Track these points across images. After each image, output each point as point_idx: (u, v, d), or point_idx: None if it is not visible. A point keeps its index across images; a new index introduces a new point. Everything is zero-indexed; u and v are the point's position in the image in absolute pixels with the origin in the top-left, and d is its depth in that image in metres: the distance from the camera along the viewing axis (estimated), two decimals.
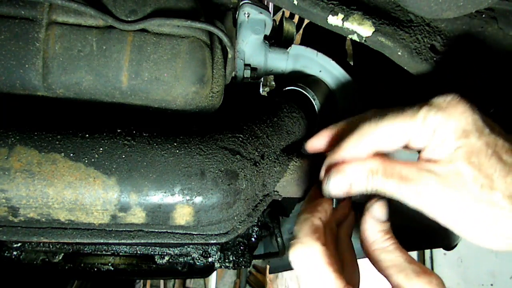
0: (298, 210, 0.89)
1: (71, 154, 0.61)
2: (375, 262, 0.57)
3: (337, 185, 0.58)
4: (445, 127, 0.52)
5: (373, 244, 0.57)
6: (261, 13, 0.86)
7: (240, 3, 0.86)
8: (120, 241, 0.69)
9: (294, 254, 0.54)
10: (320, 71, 0.97)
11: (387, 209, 0.59)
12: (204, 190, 0.63)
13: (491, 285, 2.47)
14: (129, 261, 0.91)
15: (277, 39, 1.05)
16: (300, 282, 0.54)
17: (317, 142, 0.69)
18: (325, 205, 0.62)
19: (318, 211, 0.60)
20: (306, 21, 1.03)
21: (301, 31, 1.26)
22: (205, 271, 0.91)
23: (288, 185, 0.74)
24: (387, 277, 0.55)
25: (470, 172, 0.51)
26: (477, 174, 0.51)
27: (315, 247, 0.53)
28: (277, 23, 1.08)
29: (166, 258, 0.88)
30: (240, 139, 0.69)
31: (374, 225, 0.58)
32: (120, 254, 0.89)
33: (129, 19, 0.67)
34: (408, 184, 0.54)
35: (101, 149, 0.62)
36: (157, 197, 0.62)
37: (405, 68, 0.73)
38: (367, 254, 0.58)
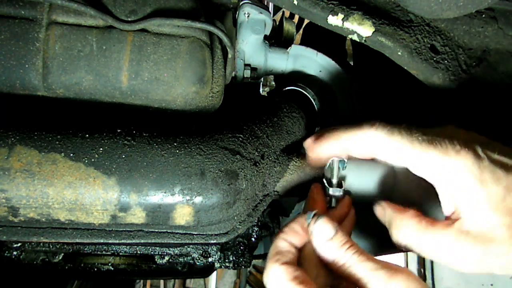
0: (298, 210, 0.89)
1: (71, 154, 0.61)
2: (346, 278, 0.55)
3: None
4: (459, 181, 0.53)
5: (335, 263, 0.56)
6: (261, 13, 0.86)
7: (240, 3, 0.86)
8: (120, 241, 0.69)
9: (264, 277, 0.57)
10: (320, 71, 0.97)
11: (331, 223, 0.57)
12: (204, 190, 0.63)
13: (491, 285, 2.46)
14: (129, 261, 0.91)
15: (277, 39, 1.05)
16: None
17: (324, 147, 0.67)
18: (294, 226, 0.61)
19: (285, 233, 0.60)
20: (306, 21, 1.03)
21: (301, 31, 1.26)
22: (205, 271, 0.91)
23: (288, 185, 0.74)
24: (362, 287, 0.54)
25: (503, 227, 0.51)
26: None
27: (275, 268, 0.55)
28: (277, 23, 1.08)
29: (166, 258, 0.88)
30: (240, 139, 0.69)
31: (326, 245, 0.56)
32: (120, 254, 0.88)
33: (129, 19, 0.67)
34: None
35: (101, 149, 0.62)
36: (157, 197, 0.62)
37: (405, 68, 0.73)
38: (338, 273, 0.57)
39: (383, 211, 0.61)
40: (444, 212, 0.57)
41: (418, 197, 0.70)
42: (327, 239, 0.56)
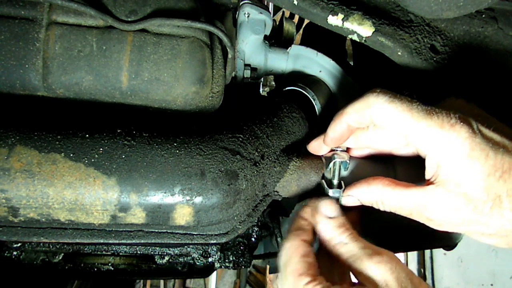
0: (298, 210, 0.89)
1: (71, 154, 0.60)
2: (337, 258, 0.59)
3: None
4: (449, 152, 0.53)
5: (330, 241, 0.60)
6: (261, 13, 0.86)
7: (240, 3, 0.87)
8: (120, 241, 0.68)
9: (280, 250, 0.60)
10: (320, 71, 0.97)
11: (335, 205, 0.63)
12: (204, 190, 0.63)
13: (491, 285, 2.46)
14: (129, 261, 0.91)
15: (277, 39, 1.05)
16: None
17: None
18: (308, 209, 0.64)
19: (304, 211, 0.64)
20: (306, 21, 1.03)
21: (301, 31, 1.26)
22: (205, 271, 0.91)
23: (288, 185, 0.73)
24: (349, 269, 0.57)
25: (479, 196, 0.53)
26: (485, 199, 0.52)
27: (294, 241, 0.59)
28: (277, 23, 1.08)
29: (166, 258, 0.88)
30: (240, 139, 0.69)
31: (327, 223, 0.61)
32: (120, 254, 0.88)
33: (129, 19, 0.67)
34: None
35: (101, 149, 0.62)
36: (157, 197, 0.62)
37: (405, 68, 0.73)
38: (330, 253, 0.60)
39: (365, 192, 0.63)
40: (426, 176, 0.58)
41: None
42: (331, 216, 0.61)
